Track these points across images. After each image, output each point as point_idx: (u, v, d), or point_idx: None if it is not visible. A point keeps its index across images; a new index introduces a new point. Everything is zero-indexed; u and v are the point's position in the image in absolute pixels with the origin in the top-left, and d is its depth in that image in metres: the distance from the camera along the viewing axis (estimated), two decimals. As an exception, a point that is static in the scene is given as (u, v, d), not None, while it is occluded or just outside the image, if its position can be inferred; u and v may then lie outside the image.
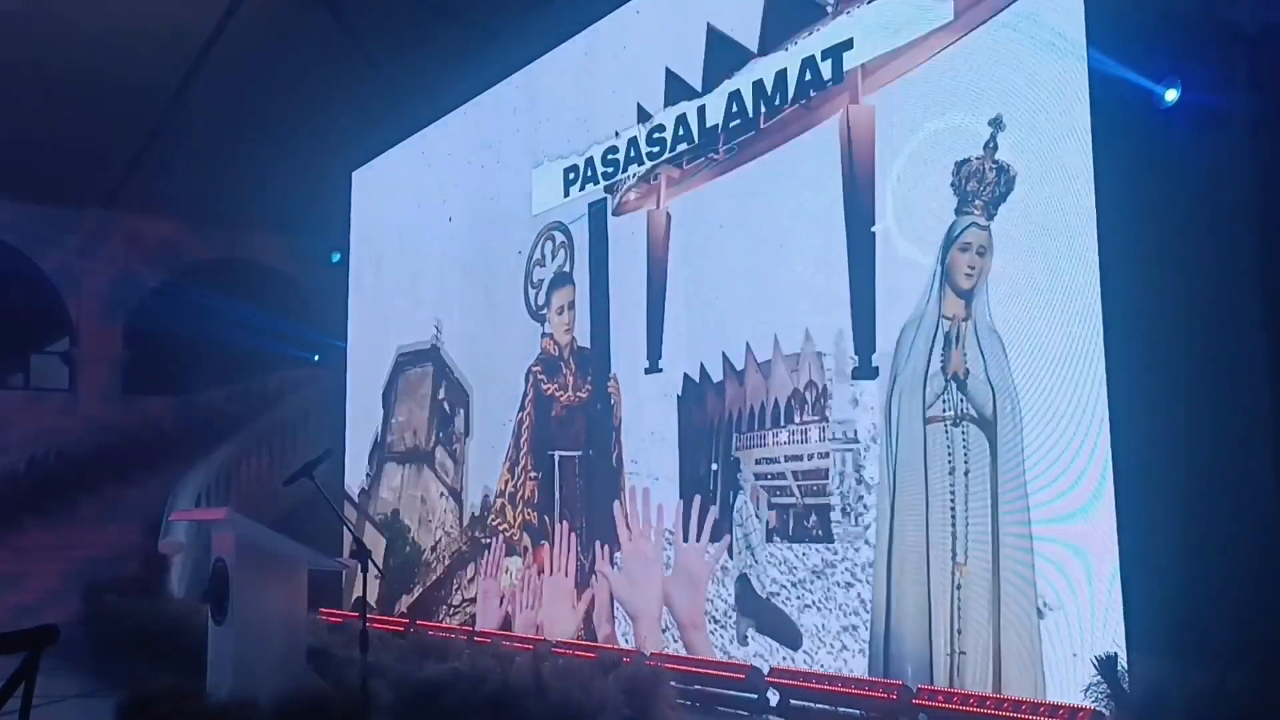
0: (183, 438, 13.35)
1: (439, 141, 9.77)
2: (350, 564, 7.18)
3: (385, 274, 10.60)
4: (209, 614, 6.26)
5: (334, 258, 11.47)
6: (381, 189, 10.80)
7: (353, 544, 5.64)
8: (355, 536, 5.92)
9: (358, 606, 6.18)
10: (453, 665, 5.93)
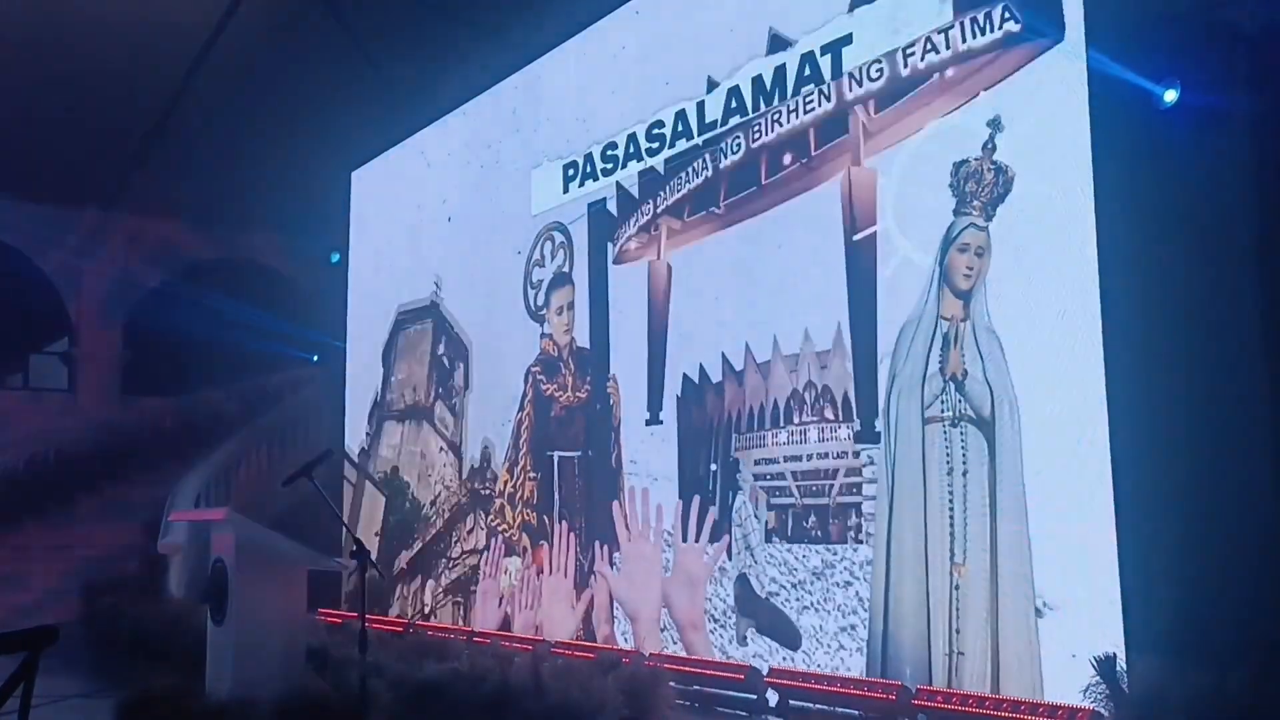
0: (182, 438, 13.36)
1: (439, 141, 9.76)
2: (350, 564, 7.17)
3: (385, 274, 10.60)
4: (208, 614, 6.26)
5: (334, 258, 11.47)
6: (381, 189, 10.80)
7: (352, 544, 5.63)
8: (355, 537, 5.91)
9: (354, 599, 6.17)
10: (452, 665, 5.94)
